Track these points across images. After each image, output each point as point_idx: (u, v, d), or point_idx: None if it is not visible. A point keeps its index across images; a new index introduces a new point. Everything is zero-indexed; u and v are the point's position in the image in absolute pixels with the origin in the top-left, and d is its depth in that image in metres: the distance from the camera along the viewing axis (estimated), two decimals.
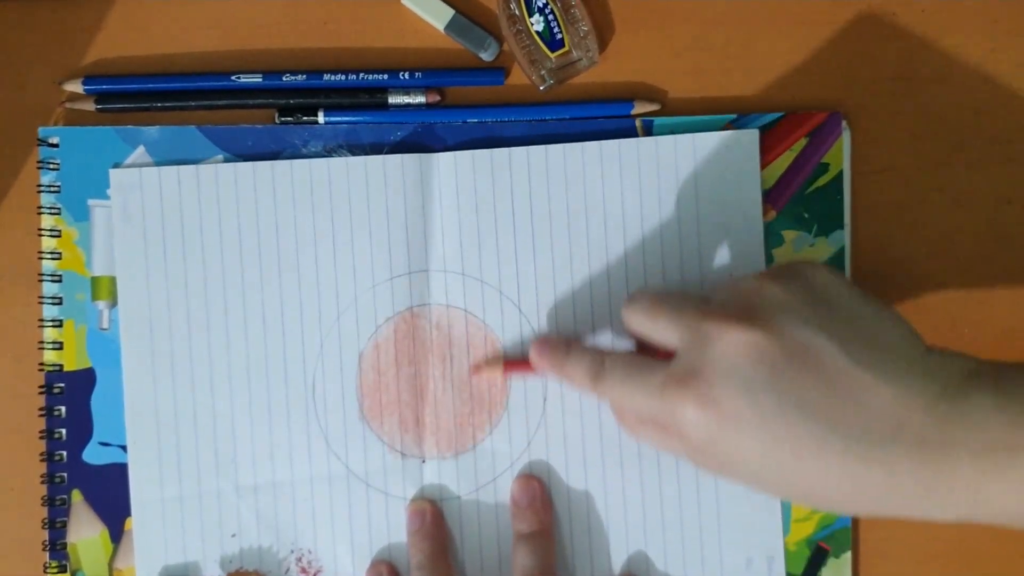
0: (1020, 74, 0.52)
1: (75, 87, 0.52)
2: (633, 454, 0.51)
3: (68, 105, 0.52)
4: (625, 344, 0.50)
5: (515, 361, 0.51)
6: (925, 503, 0.38)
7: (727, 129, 0.51)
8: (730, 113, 0.52)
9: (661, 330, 0.44)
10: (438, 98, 0.52)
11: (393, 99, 0.52)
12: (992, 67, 0.52)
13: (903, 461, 0.37)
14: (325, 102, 0.52)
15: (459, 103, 0.52)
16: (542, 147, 0.51)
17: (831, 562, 0.51)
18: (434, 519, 0.50)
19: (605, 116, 0.52)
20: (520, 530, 0.50)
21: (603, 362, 0.45)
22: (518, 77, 0.52)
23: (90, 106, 0.52)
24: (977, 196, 0.52)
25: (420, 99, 0.52)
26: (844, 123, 0.52)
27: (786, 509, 0.51)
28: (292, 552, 0.51)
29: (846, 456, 0.38)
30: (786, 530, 0.51)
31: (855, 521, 0.51)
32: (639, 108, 0.51)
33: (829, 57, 0.52)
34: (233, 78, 0.52)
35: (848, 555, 0.51)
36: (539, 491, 0.50)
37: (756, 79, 0.52)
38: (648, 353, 0.46)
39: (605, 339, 0.51)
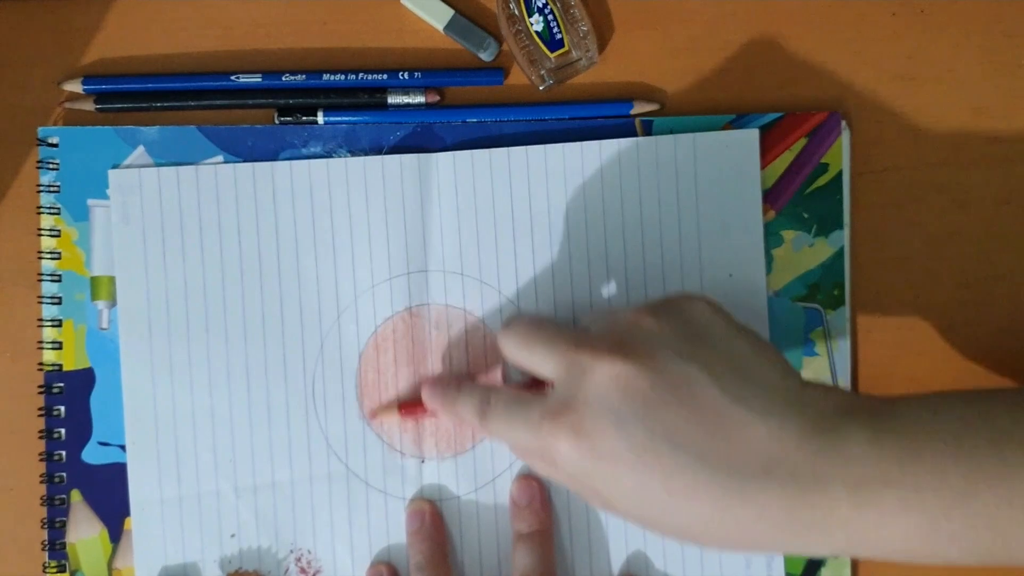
0: (1019, 74, 0.52)
1: (75, 87, 0.51)
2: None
3: (68, 105, 0.52)
4: None
5: (409, 403, 0.50)
6: (803, 539, 0.38)
7: (727, 129, 0.51)
8: (729, 113, 0.52)
9: (537, 361, 0.44)
10: (437, 98, 0.52)
11: (392, 99, 0.52)
12: (991, 67, 0.52)
13: (777, 496, 0.37)
14: (324, 102, 0.52)
15: (458, 103, 0.52)
16: (541, 147, 0.51)
17: (830, 562, 0.50)
18: (433, 520, 0.50)
19: (604, 116, 0.52)
20: (520, 530, 0.50)
21: (488, 399, 0.45)
22: (517, 77, 0.52)
23: (90, 106, 0.52)
24: (976, 196, 0.52)
25: (419, 99, 0.52)
26: (843, 123, 0.51)
27: None
28: (291, 552, 0.51)
29: (718, 491, 0.38)
30: None
31: None
32: (638, 108, 0.51)
33: (829, 57, 0.52)
34: (232, 78, 0.52)
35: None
36: (539, 491, 0.50)
37: (755, 79, 0.52)
38: (535, 383, 0.46)
39: None
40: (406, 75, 0.52)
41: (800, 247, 0.51)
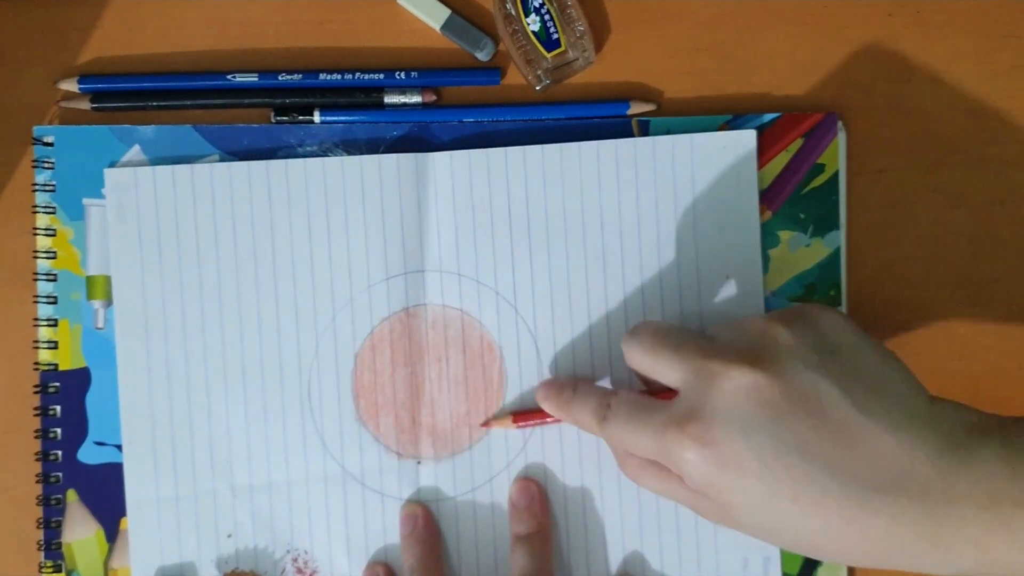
0: (1015, 75, 0.52)
1: (71, 86, 0.51)
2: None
3: (63, 104, 0.52)
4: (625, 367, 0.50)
5: (523, 412, 0.50)
6: (929, 557, 0.37)
7: (723, 129, 0.51)
8: (726, 114, 0.51)
9: (663, 369, 0.43)
10: (434, 98, 0.52)
11: (389, 99, 0.51)
12: (987, 68, 0.52)
13: (906, 511, 0.37)
14: (321, 101, 0.51)
15: (455, 103, 0.52)
16: (538, 147, 0.51)
17: (826, 564, 0.51)
18: (426, 523, 0.50)
19: (601, 116, 0.51)
20: (518, 532, 0.50)
21: (608, 403, 0.44)
22: (514, 77, 0.52)
23: (86, 105, 0.51)
24: (972, 197, 0.52)
25: (416, 99, 0.51)
26: (840, 124, 0.51)
27: None
28: (288, 552, 0.50)
29: (846, 503, 0.37)
30: None
31: None
32: (635, 108, 0.51)
33: (825, 58, 0.52)
34: (229, 77, 0.52)
35: None
36: (537, 493, 0.50)
37: (752, 80, 0.52)
38: (652, 387, 0.45)
39: (601, 340, 0.51)
40: (403, 75, 0.51)
41: (796, 247, 0.51)
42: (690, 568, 0.50)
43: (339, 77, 0.52)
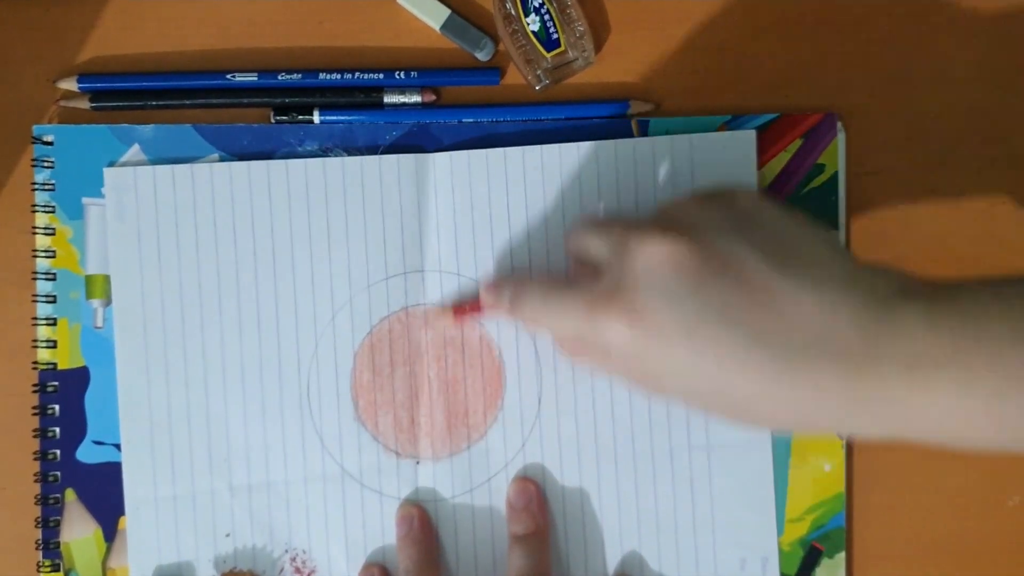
0: (1014, 76, 0.52)
1: (70, 85, 0.51)
2: (628, 454, 0.50)
3: (63, 103, 0.51)
4: None
5: (461, 306, 0.50)
6: (853, 417, 0.37)
7: (723, 130, 0.51)
8: (726, 114, 0.51)
9: (592, 247, 0.44)
10: (433, 97, 0.51)
11: (389, 98, 0.51)
12: (986, 68, 0.52)
13: (829, 372, 0.37)
14: (320, 101, 0.51)
15: (455, 103, 0.52)
16: (537, 147, 0.50)
17: (825, 562, 0.50)
18: (421, 524, 0.50)
19: (601, 117, 0.51)
20: (516, 532, 0.49)
21: (542, 287, 0.44)
22: (514, 77, 0.52)
23: (85, 104, 0.51)
24: (971, 197, 0.52)
25: (416, 98, 0.51)
26: (839, 124, 0.51)
27: (780, 510, 0.50)
28: (286, 552, 0.50)
29: (770, 365, 0.37)
30: (780, 530, 0.50)
31: (850, 521, 0.51)
32: (635, 108, 0.51)
33: (824, 58, 0.52)
34: (228, 76, 0.51)
35: (842, 555, 0.50)
36: (535, 493, 0.50)
37: (752, 80, 0.52)
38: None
39: None
40: (402, 74, 0.51)
41: None
42: (688, 568, 0.50)
43: (338, 77, 0.51)
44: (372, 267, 0.50)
